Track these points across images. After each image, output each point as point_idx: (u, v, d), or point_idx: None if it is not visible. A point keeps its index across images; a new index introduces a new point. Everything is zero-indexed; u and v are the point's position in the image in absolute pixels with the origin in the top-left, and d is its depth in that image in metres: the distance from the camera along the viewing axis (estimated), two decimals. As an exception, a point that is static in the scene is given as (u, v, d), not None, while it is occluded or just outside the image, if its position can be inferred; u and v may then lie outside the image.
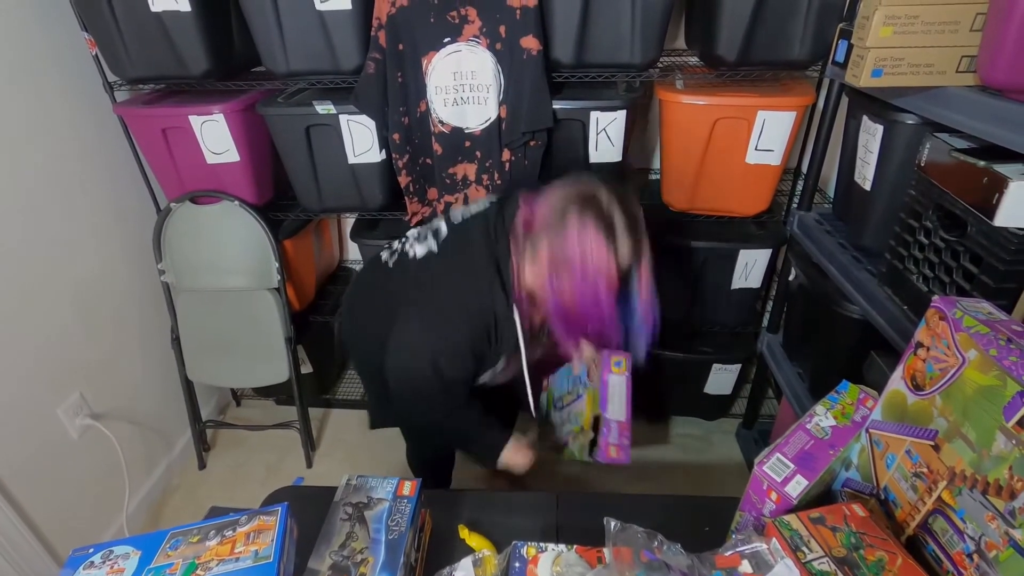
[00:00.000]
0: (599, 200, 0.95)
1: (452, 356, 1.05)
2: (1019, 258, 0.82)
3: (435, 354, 1.04)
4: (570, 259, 0.95)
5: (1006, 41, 0.80)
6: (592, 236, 0.94)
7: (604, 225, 0.94)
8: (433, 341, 1.05)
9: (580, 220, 0.94)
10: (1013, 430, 0.55)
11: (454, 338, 1.05)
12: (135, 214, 1.76)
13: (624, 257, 0.97)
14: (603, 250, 0.94)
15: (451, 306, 1.06)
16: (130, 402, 1.78)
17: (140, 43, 1.46)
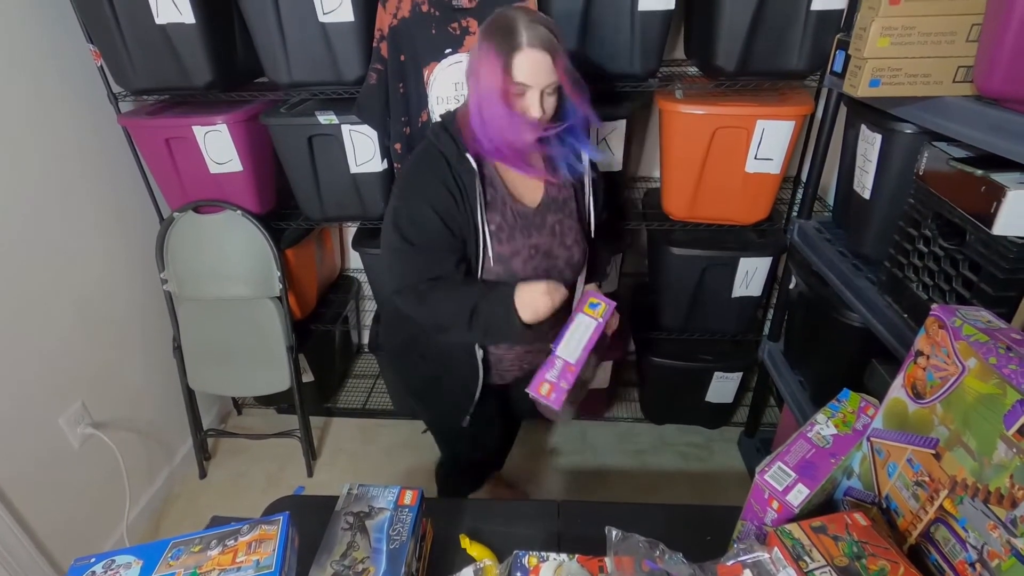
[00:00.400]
0: (503, 13, 0.95)
1: (411, 210, 1.03)
2: (1018, 266, 0.83)
3: (395, 214, 1.04)
4: (473, 70, 0.98)
5: (1002, 52, 0.81)
6: (485, 38, 0.94)
7: (501, 26, 0.93)
8: (393, 204, 1.06)
9: (482, 34, 0.96)
10: (1014, 438, 0.55)
11: (407, 192, 1.04)
12: (138, 223, 1.77)
13: (529, 42, 0.92)
14: (492, 48, 0.93)
15: (404, 172, 1.10)
16: (131, 411, 1.78)
17: (145, 55, 1.47)
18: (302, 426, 1.95)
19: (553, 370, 1.04)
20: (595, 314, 1.09)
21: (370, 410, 2.23)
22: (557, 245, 1.12)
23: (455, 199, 1.02)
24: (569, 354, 1.07)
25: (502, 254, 1.07)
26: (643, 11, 1.33)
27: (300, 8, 1.38)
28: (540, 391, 1.03)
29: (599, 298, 1.11)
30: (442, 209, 1.01)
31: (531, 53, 0.92)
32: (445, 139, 1.03)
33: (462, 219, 1.03)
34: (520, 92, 0.95)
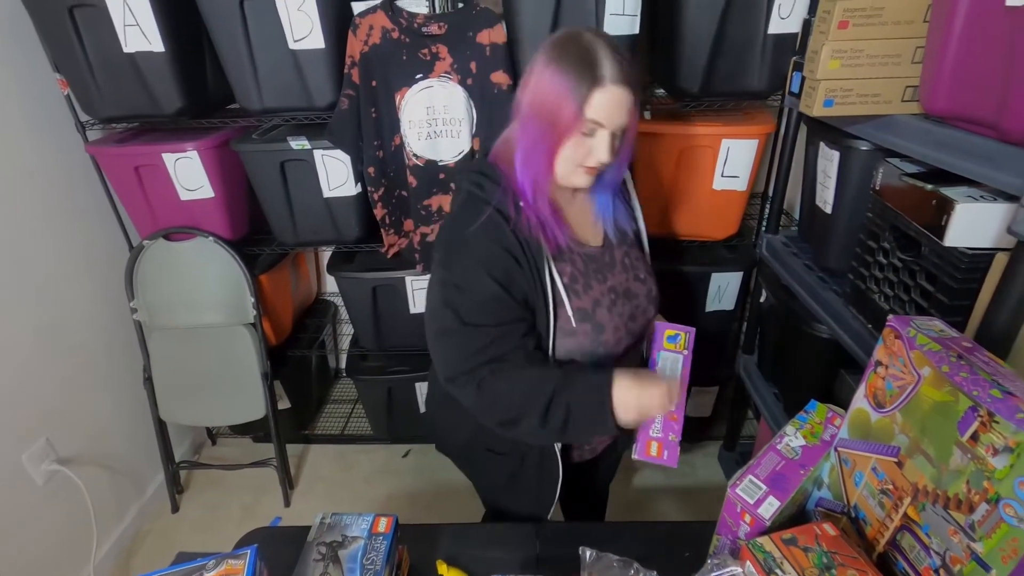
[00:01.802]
0: (577, 34, 0.80)
1: (464, 281, 0.85)
2: (970, 276, 0.86)
3: (444, 288, 0.86)
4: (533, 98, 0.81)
5: (943, 73, 0.85)
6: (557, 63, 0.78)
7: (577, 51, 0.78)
8: (439, 277, 0.88)
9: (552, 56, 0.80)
10: (967, 444, 0.57)
11: (456, 260, 0.86)
12: (107, 252, 1.74)
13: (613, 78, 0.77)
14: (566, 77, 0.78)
15: (449, 236, 0.89)
16: (99, 445, 1.72)
17: (113, 83, 1.46)
18: (278, 454, 1.91)
19: (655, 424, 0.92)
20: (677, 347, 0.96)
21: (349, 436, 2.20)
22: (632, 280, 0.98)
23: (516, 259, 0.85)
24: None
25: (583, 309, 0.90)
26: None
27: (270, 35, 1.39)
28: (650, 452, 0.91)
29: (675, 328, 0.97)
30: (501, 275, 0.84)
31: (613, 90, 0.77)
32: (491, 188, 0.86)
33: (527, 282, 0.86)
34: (590, 132, 0.81)
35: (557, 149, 0.82)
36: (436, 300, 0.88)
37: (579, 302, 0.90)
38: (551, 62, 0.79)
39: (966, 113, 0.85)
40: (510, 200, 0.86)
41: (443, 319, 0.86)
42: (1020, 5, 0.70)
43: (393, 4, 1.40)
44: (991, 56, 0.77)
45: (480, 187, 0.87)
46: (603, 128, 0.80)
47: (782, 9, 1.34)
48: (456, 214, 0.90)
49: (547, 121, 0.80)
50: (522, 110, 0.84)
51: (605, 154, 0.82)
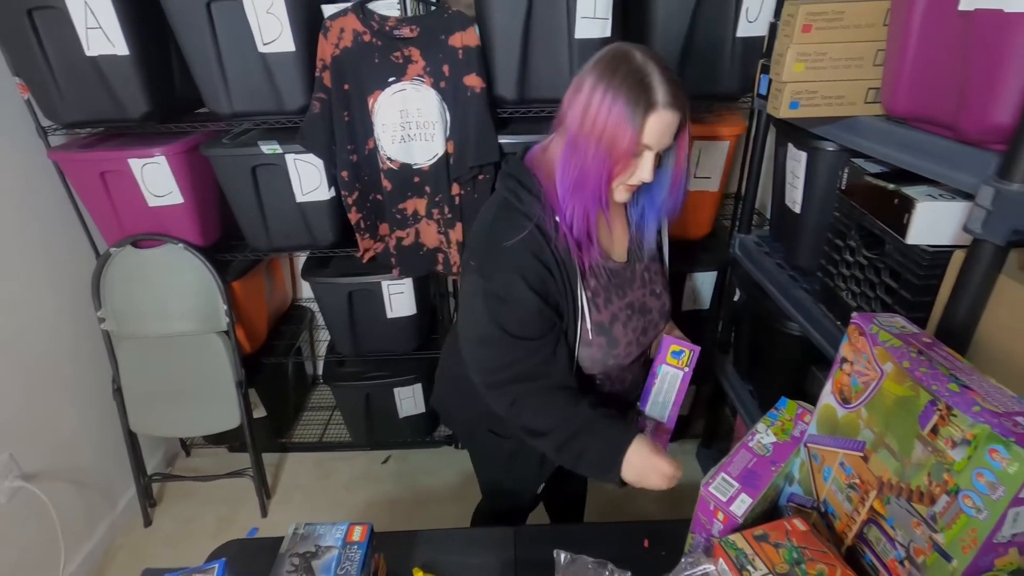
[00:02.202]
0: (629, 54, 0.80)
1: (504, 290, 0.86)
2: (932, 272, 0.88)
3: (485, 298, 0.86)
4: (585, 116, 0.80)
5: (902, 75, 0.88)
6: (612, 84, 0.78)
7: (632, 74, 0.78)
8: (480, 286, 0.88)
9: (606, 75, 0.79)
10: (928, 437, 0.58)
11: (495, 269, 0.86)
12: (72, 261, 1.69)
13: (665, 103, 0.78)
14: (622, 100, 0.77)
15: (485, 244, 0.89)
16: (67, 459, 1.67)
17: (75, 87, 1.43)
18: (254, 464, 1.87)
19: (649, 434, 0.92)
20: (679, 363, 0.95)
21: (327, 443, 2.17)
22: (648, 296, 1.00)
23: (551, 273, 0.87)
24: (659, 412, 0.95)
25: (601, 323, 0.93)
26: (580, 39, 1.37)
27: (239, 39, 1.37)
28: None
29: (681, 344, 0.97)
30: (539, 287, 0.86)
31: (665, 115, 0.79)
32: (528, 200, 0.87)
33: (559, 293, 0.89)
34: (639, 153, 0.82)
35: (614, 176, 0.83)
36: (479, 310, 0.89)
37: (598, 316, 0.93)
38: (606, 86, 0.78)
39: (925, 114, 0.87)
40: (548, 216, 0.87)
41: (487, 328, 0.88)
42: (972, 9, 0.72)
43: (364, 7, 1.39)
44: (946, 59, 0.79)
45: (517, 197, 0.88)
46: (650, 150, 0.82)
47: (750, 13, 1.36)
48: (492, 223, 0.89)
49: (605, 148, 0.80)
50: (571, 130, 0.82)
51: (648, 174, 0.84)
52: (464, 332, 0.94)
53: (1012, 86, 0.69)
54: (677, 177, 0.91)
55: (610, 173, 0.82)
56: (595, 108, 0.79)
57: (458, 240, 1.59)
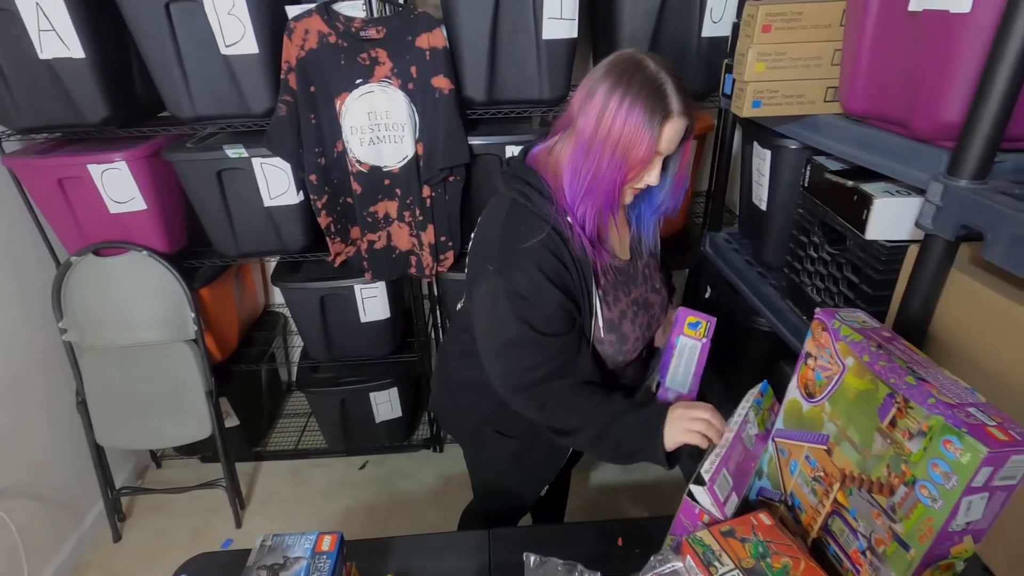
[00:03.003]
0: (643, 62, 0.80)
1: (529, 290, 0.85)
2: (890, 267, 0.90)
3: (510, 300, 0.85)
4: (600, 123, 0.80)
5: (858, 74, 0.90)
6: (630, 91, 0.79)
7: (648, 82, 0.79)
8: (501, 288, 0.86)
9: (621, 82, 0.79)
10: (887, 430, 0.60)
11: (518, 269, 0.85)
12: (31, 271, 1.63)
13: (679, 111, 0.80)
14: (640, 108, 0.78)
15: (504, 246, 0.88)
16: (29, 476, 1.62)
17: (29, 92, 1.38)
18: (227, 474, 1.83)
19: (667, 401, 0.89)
20: (697, 334, 0.94)
21: (303, 450, 2.13)
22: (650, 292, 1.02)
23: (568, 270, 0.87)
24: (680, 384, 0.92)
25: (612, 320, 0.93)
26: (547, 40, 1.38)
27: (200, 41, 1.34)
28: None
29: (697, 316, 0.96)
30: (559, 281, 0.86)
31: (679, 123, 0.81)
32: (540, 202, 0.87)
33: (577, 291, 0.89)
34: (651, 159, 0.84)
35: (627, 181, 0.84)
36: (503, 312, 0.87)
37: (608, 313, 0.93)
38: (623, 93, 0.79)
39: (880, 112, 0.89)
40: (561, 217, 0.87)
41: (514, 328, 0.86)
42: (921, 10, 0.74)
43: (329, 8, 1.37)
44: (899, 58, 0.81)
45: (528, 199, 0.87)
46: (660, 155, 0.84)
47: (714, 13, 1.38)
48: (505, 225, 0.88)
49: (621, 154, 0.81)
50: (585, 135, 0.82)
51: (656, 178, 0.86)
52: (486, 339, 0.92)
53: (960, 85, 0.71)
54: (680, 180, 0.93)
55: (624, 178, 0.83)
56: (611, 115, 0.79)
57: (430, 242, 1.58)
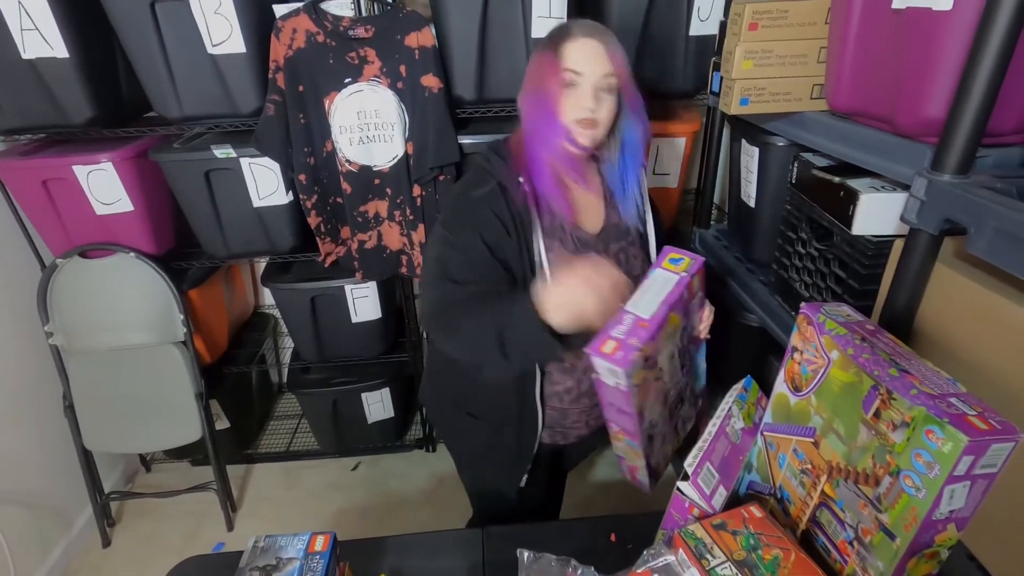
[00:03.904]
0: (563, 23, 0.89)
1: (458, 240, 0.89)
2: (876, 262, 0.91)
3: (441, 243, 0.90)
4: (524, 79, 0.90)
5: (843, 71, 0.91)
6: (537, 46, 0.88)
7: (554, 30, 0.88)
8: (439, 232, 0.92)
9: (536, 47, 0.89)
10: (871, 421, 0.61)
11: (454, 221, 0.91)
12: (16, 274, 1.61)
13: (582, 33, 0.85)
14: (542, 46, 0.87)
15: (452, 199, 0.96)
16: (15, 482, 1.60)
17: (12, 92, 1.36)
18: (218, 477, 1.82)
19: (621, 326, 0.77)
20: (676, 269, 0.85)
21: (294, 452, 2.12)
22: None
23: (507, 228, 0.89)
24: (642, 309, 0.80)
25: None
26: (536, 38, 1.38)
27: (186, 40, 1.33)
28: (603, 348, 0.74)
29: (681, 252, 0.87)
30: (492, 240, 0.88)
31: (584, 41, 0.84)
32: (496, 161, 0.92)
33: (513, 251, 0.90)
34: (571, 82, 0.85)
35: (556, 102, 0.86)
36: (432, 253, 0.93)
37: None
38: (534, 50, 0.90)
39: (865, 109, 0.90)
40: (513, 176, 0.91)
41: (435, 271, 0.91)
42: (904, 8, 0.75)
43: (317, 7, 1.36)
44: (883, 55, 0.83)
45: (488, 160, 0.93)
46: (582, 76, 0.85)
47: (701, 12, 1.39)
48: (463, 180, 0.97)
49: (541, 92, 0.87)
50: (521, 99, 0.91)
51: (589, 99, 0.85)
52: (421, 279, 0.98)
53: (942, 81, 0.72)
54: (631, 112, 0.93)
55: (552, 110, 0.86)
56: (530, 68, 0.89)
57: (421, 241, 1.57)
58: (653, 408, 0.86)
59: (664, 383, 0.87)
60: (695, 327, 0.95)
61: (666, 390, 0.88)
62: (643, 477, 0.92)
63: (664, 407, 0.89)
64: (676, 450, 1.00)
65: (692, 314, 0.89)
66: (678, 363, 0.90)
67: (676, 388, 0.92)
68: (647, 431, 0.86)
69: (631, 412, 0.80)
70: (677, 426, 0.98)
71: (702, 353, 1.05)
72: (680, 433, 1.01)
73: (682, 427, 1.01)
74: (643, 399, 0.81)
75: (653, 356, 0.79)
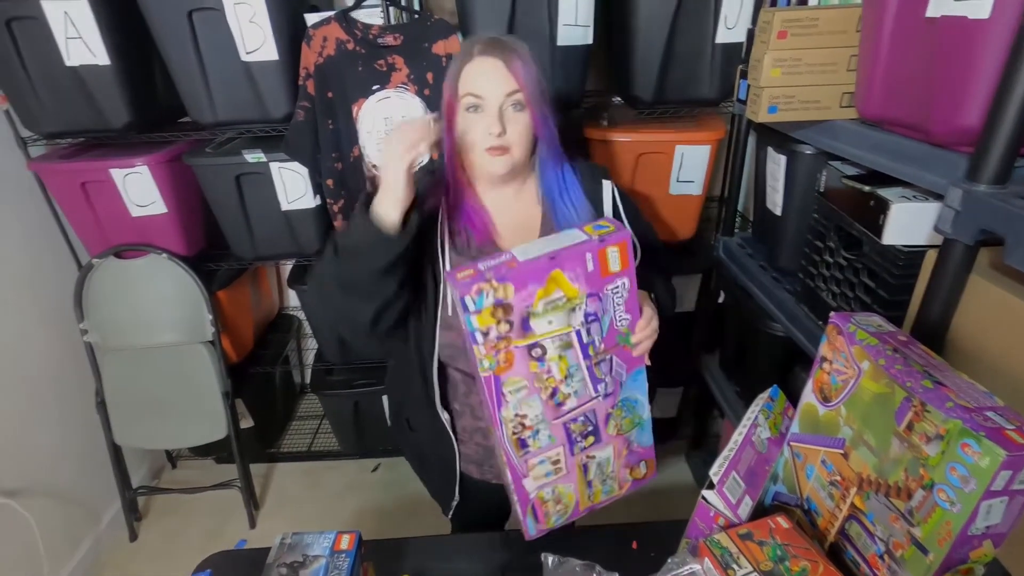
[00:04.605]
0: None
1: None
2: (908, 272, 0.90)
3: None
4: None
5: (874, 80, 0.90)
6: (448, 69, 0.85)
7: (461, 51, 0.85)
8: None
9: None
10: (904, 433, 0.60)
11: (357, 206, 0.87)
12: (54, 273, 1.67)
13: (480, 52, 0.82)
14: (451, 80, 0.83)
15: None
16: (49, 475, 1.65)
17: (55, 98, 1.42)
18: (242, 475, 1.85)
19: (490, 260, 0.68)
20: (593, 232, 0.69)
21: (316, 452, 2.15)
22: None
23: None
24: (521, 252, 0.68)
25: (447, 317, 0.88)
26: (562, 46, 1.39)
27: (222, 48, 1.37)
28: (459, 273, 0.66)
29: (611, 221, 0.72)
30: None
31: (482, 60, 0.81)
32: (423, 175, 0.92)
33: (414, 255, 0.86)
34: (474, 105, 0.82)
35: (451, 128, 0.85)
36: None
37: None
38: None
39: (897, 117, 0.89)
40: (436, 188, 0.90)
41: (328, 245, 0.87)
42: (939, 16, 0.75)
43: (347, 15, 1.39)
44: (916, 63, 0.82)
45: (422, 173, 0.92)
46: (483, 99, 0.81)
47: (728, 20, 1.39)
48: None
49: (446, 117, 0.85)
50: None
51: (495, 123, 0.81)
52: None
53: (978, 90, 0.71)
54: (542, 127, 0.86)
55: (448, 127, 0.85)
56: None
57: (444, 246, 1.59)
58: (528, 401, 0.72)
59: (551, 373, 0.72)
60: (621, 330, 0.75)
61: (553, 386, 0.73)
62: (516, 508, 0.79)
63: (549, 410, 0.75)
64: (591, 505, 0.88)
65: (610, 305, 0.72)
66: (587, 372, 0.75)
67: (579, 402, 0.76)
68: (514, 430, 0.73)
69: (477, 370, 0.68)
70: (587, 467, 0.82)
71: (638, 381, 0.82)
72: (596, 484, 0.85)
73: (598, 475, 0.84)
74: (505, 368, 0.70)
75: (515, 309, 0.67)
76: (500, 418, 0.73)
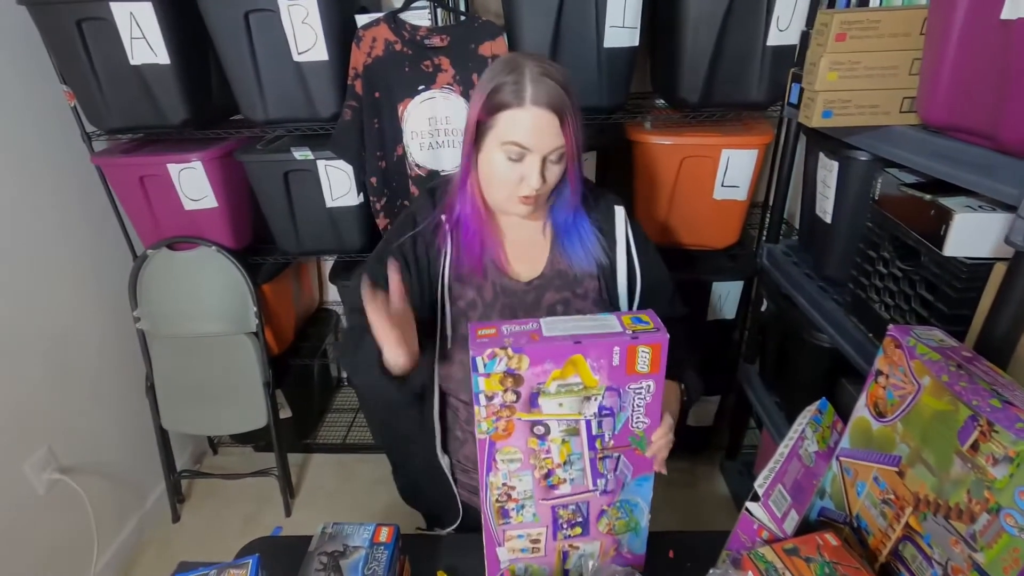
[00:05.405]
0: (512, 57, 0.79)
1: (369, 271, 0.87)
2: (970, 285, 0.86)
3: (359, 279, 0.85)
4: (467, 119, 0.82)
5: (940, 85, 0.86)
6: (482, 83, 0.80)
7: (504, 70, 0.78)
8: None
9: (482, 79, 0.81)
10: (967, 454, 0.57)
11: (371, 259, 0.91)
12: (111, 262, 1.75)
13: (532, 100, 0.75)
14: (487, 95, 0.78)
15: None
16: (101, 454, 1.73)
17: (119, 95, 1.48)
18: (280, 464, 1.90)
19: (515, 326, 0.66)
20: (629, 326, 0.66)
21: (350, 445, 2.19)
22: None
23: (407, 262, 0.87)
24: (548, 327, 0.66)
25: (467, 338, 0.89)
26: (608, 48, 1.38)
27: (275, 48, 1.41)
28: (480, 329, 0.66)
29: (652, 318, 0.68)
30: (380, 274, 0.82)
31: (538, 113, 0.75)
32: (422, 198, 0.91)
33: (414, 292, 0.85)
34: (518, 157, 0.79)
35: (469, 153, 0.83)
36: None
37: (464, 331, 0.86)
38: (480, 84, 0.80)
39: (963, 124, 0.85)
40: (435, 213, 0.89)
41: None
42: (1015, 19, 0.71)
43: (396, 17, 1.41)
44: (986, 68, 0.78)
45: (416, 196, 0.93)
46: (531, 153, 0.78)
47: (780, 21, 1.35)
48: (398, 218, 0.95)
49: (468, 146, 0.83)
50: (464, 149, 0.85)
51: (536, 179, 0.79)
52: None
53: (1057, 96, 0.68)
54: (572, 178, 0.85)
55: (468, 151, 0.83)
56: (470, 111, 0.81)
57: (483, 246, 1.60)
58: (519, 474, 0.71)
59: (550, 454, 0.71)
60: (637, 432, 0.72)
61: (549, 467, 0.72)
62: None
63: (540, 489, 0.73)
64: None
65: (629, 404, 0.69)
66: (589, 464, 0.72)
67: (573, 490, 0.74)
68: (499, 498, 0.72)
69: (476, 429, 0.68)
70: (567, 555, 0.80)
71: (643, 487, 0.78)
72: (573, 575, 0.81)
73: (577, 568, 0.81)
74: (503, 436, 0.69)
75: (526, 383, 0.65)
76: (487, 482, 0.72)
